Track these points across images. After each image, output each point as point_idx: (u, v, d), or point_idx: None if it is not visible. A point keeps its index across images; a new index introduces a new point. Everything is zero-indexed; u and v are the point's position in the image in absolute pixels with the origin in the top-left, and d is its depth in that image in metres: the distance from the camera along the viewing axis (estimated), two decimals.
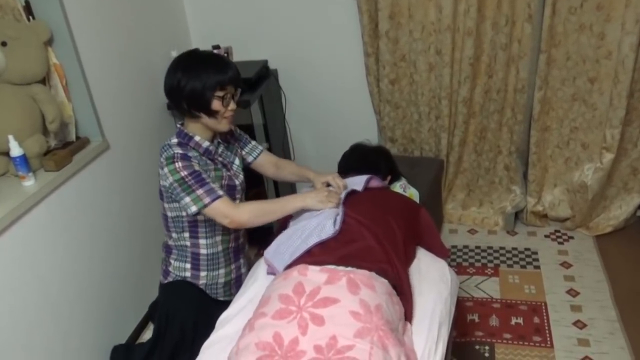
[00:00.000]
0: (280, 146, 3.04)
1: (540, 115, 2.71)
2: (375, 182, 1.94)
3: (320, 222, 1.69)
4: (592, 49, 2.55)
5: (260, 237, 2.07)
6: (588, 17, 2.49)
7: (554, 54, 2.60)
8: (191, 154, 1.81)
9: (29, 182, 1.93)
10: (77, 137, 2.22)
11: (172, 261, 2.02)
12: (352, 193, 1.85)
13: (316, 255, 1.58)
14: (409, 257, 1.74)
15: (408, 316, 1.59)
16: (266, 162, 2.14)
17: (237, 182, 1.98)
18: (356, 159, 2.11)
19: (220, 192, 1.77)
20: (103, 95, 2.28)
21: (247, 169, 2.12)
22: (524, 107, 2.72)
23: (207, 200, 1.75)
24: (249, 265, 2.08)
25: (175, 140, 1.84)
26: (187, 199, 1.76)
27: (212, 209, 1.76)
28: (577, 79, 2.63)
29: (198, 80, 1.76)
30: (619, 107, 2.54)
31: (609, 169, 2.68)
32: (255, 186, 2.86)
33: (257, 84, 2.76)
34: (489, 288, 2.56)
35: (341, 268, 1.51)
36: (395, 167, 2.18)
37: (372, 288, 1.46)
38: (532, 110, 2.71)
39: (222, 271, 2.03)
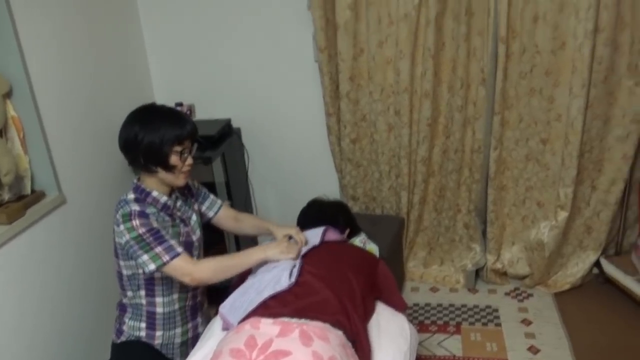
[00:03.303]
0: (242, 204, 3.03)
1: (496, 174, 2.78)
2: (333, 235, 1.94)
3: (275, 275, 1.67)
4: (543, 112, 2.66)
5: (221, 294, 2.02)
6: (538, 82, 2.62)
7: (507, 116, 2.71)
8: (149, 210, 1.77)
9: None
10: (33, 191, 2.18)
11: (126, 320, 1.94)
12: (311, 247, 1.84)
13: (271, 307, 1.55)
14: (368, 311, 1.72)
15: None
16: (226, 216, 2.12)
17: (194, 238, 1.94)
18: (314, 214, 2.11)
19: (180, 249, 1.74)
20: (62, 149, 2.26)
21: (207, 226, 2.10)
22: (480, 166, 2.80)
23: (166, 258, 1.71)
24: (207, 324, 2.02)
25: (132, 196, 1.80)
26: (145, 257, 1.71)
27: (171, 266, 1.72)
28: (530, 140, 2.74)
29: (156, 134, 1.75)
30: (571, 166, 2.64)
31: (564, 227, 2.75)
32: (216, 243, 2.83)
33: (219, 141, 2.78)
34: (452, 346, 2.53)
35: (295, 320, 1.48)
36: (353, 221, 2.19)
37: (326, 340, 1.42)
38: (489, 169, 2.79)
39: (178, 330, 1.96)
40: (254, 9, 2.81)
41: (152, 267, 1.71)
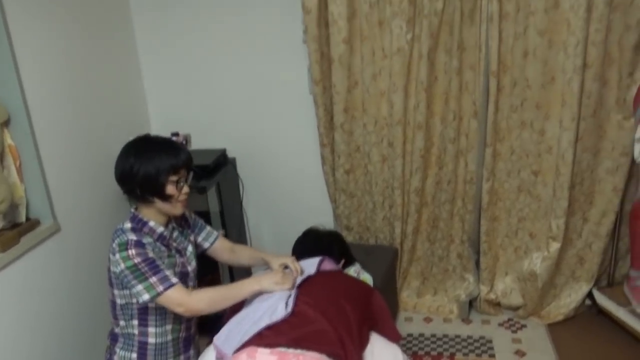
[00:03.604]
0: (236, 233, 3.04)
1: (489, 205, 2.81)
2: (329, 265, 1.94)
3: (271, 305, 1.67)
4: (534, 144, 2.71)
5: (212, 325, 2.01)
6: (528, 115, 2.67)
7: (499, 148, 2.75)
8: (145, 240, 1.78)
9: None
10: (28, 219, 2.18)
11: (117, 350, 1.91)
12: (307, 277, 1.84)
13: (267, 337, 1.55)
14: (363, 341, 1.72)
15: None
16: (222, 248, 2.13)
17: (189, 269, 1.94)
18: (309, 243, 2.12)
19: (174, 280, 1.74)
20: (58, 178, 2.27)
21: (202, 255, 2.09)
22: (473, 197, 2.83)
23: (160, 288, 1.70)
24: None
25: (128, 225, 1.81)
26: (140, 287, 1.71)
27: (165, 297, 1.71)
28: (521, 172, 2.77)
29: (151, 165, 1.76)
30: (562, 198, 2.67)
31: (556, 257, 2.77)
32: (210, 272, 2.82)
33: (214, 171, 2.80)
34: None
35: (291, 350, 1.48)
36: (348, 251, 2.20)
37: None
38: (481, 200, 2.82)
39: None
40: (250, 42, 2.87)
41: (146, 297, 1.71)
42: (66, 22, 2.37)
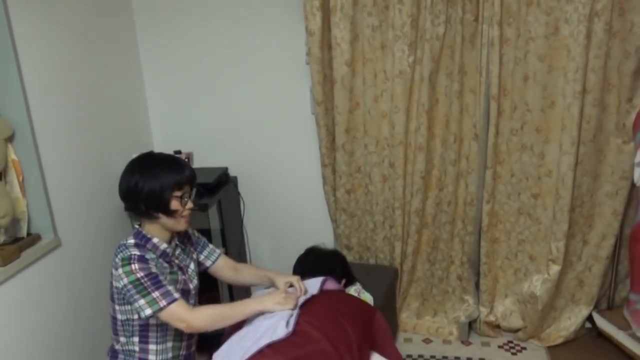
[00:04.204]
0: (237, 251, 3.04)
1: (489, 227, 2.82)
2: (331, 284, 1.95)
3: (273, 324, 1.67)
4: (534, 167, 2.72)
5: (211, 343, 2.01)
6: (528, 138, 2.69)
7: (499, 171, 2.77)
8: (148, 256, 1.79)
9: None
10: (29, 234, 2.18)
11: None
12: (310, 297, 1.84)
13: (267, 356, 1.55)
14: None
15: None
16: (224, 266, 2.13)
17: (191, 287, 1.94)
18: (311, 263, 2.13)
19: (177, 295, 1.74)
20: (60, 193, 2.28)
21: (202, 273, 2.10)
22: (473, 219, 2.84)
23: (163, 303, 1.71)
24: None
25: (132, 241, 1.82)
26: (142, 302, 1.71)
27: (167, 312, 1.71)
28: (521, 194, 2.79)
29: (156, 181, 1.78)
30: (562, 221, 2.68)
31: (556, 280, 2.77)
32: (209, 290, 2.81)
33: (216, 189, 2.81)
34: None
35: None
36: (349, 271, 2.20)
37: None
38: (482, 222, 2.82)
39: None
40: (254, 62, 2.90)
41: (148, 311, 1.71)
42: (72, 40, 2.40)
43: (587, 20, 2.39)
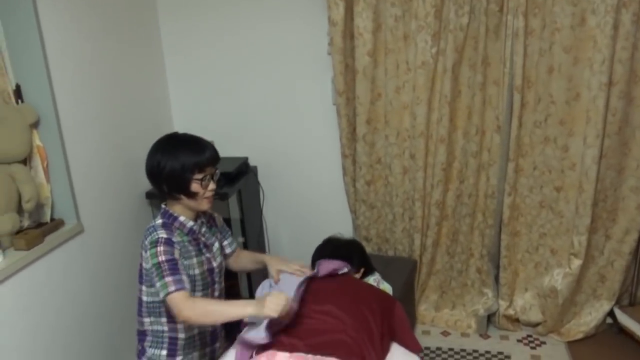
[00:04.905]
0: (255, 240, 3.05)
1: (510, 220, 2.80)
2: (331, 264, 1.97)
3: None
4: (557, 160, 2.69)
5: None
6: (552, 131, 2.66)
7: (521, 163, 2.74)
8: (175, 239, 1.81)
9: None
10: (52, 219, 2.22)
11: (147, 349, 1.95)
12: (325, 279, 1.85)
13: (285, 342, 1.55)
14: (385, 351, 1.72)
15: None
16: (233, 256, 2.19)
17: (214, 265, 1.98)
18: (329, 251, 2.13)
19: (186, 285, 1.75)
20: (83, 179, 2.31)
21: None
22: (494, 212, 2.81)
23: (171, 288, 1.72)
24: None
25: (160, 221, 1.86)
26: (158, 285, 1.74)
27: (171, 298, 1.72)
28: (543, 187, 2.76)
29: (176, 160, 1.81)
30: (585, 215, 2.64)
31: (577, 274, 2.74)
32: (226, 279, 2.83)
33: (236, 178, 2.82)
34: None
35: (310, 356, 1.48)
36: (368, 260, 2.20)
37: None
38: (502, 215, 2.80)
39: (196, 354, 1.98)
40: (275, 52, 2.90)
41: (161, 295, 1.74)
42: (96, 29, 2.42)
43: (614, 10, 2.35)
